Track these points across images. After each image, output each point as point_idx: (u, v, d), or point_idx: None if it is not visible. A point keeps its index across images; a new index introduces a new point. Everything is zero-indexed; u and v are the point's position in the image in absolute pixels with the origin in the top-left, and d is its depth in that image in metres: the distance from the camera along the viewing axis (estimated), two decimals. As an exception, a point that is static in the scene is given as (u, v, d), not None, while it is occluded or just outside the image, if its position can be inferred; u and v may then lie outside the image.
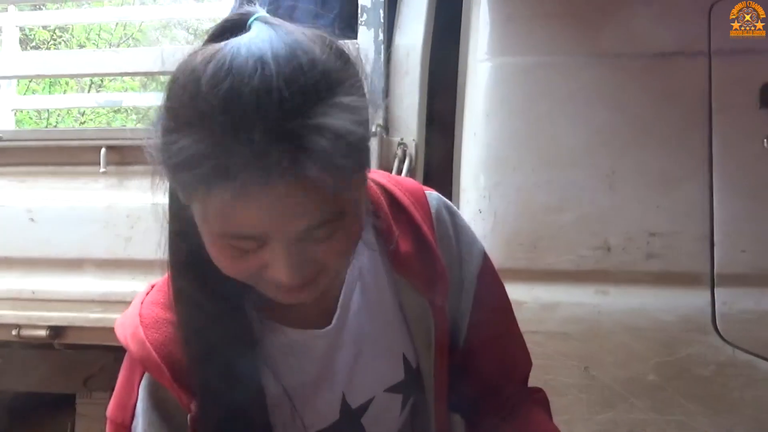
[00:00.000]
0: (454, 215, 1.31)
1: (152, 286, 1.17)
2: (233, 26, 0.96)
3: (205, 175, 0.86)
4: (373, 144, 2.07)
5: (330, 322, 1.18)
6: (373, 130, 2.12)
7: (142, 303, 1.14)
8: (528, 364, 1.41)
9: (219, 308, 1.07)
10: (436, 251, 1.26)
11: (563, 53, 2.15)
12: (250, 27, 0.94)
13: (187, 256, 1.04)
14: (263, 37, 0.91)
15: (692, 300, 2.00)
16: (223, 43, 0.90)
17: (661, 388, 1.96)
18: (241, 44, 0.89)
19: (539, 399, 1.41)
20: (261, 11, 0.98)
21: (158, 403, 1.10)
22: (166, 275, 1.12)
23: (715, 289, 2.00)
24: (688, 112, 2.09)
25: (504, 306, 1.37)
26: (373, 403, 1.23)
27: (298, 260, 0.94)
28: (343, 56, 0.95)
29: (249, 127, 0.85)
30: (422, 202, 1.27)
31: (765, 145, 2.03)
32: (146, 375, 1.10)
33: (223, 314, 1.07)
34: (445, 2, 2.32)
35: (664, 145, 2.08)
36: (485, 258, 1.33)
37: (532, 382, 1.44)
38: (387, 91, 2.25)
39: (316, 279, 0.99)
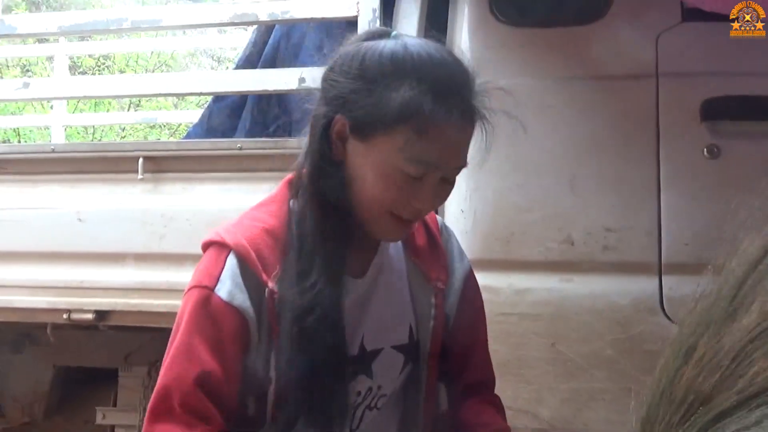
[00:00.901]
0: (450, 232, 1.43)
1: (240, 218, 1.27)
2: (380, 34, 1.20)
3: (428, 111, 1.09)
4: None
5: (364, 276, 1.27)
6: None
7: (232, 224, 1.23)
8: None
9: (331, 231, 1.19)
10: (442, 248, 1.37)
11: (532, 76, 2.16)
12: (398, 35, 1.18)
13: (330, 188, 1.18)
14: (419, 41, 1.18)
15: (643, 286, 2.03)
16: (395, 39, 1.17)
17: (617, 361, 1.97)
18: (412, 40, 1.18)
19: (496, 402, 1.44)
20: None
21: (242, 274, 1.16)
22: (252, 215, 1.25)
23: (662, 277, 2.02)
24: (638, 126, 2.11)
25: (480, 307, 1.44)
26: (382, 354, 1.28)
27: (436, 192, 1.17)
28: None
29: (454, 85, 1.13)
30: (432, 214, 1.39)
31: (704, 153, 2.04)
32: (232, 255, 1.16)
33: (333, 235, 1.19)
34: (433, 29, 2.33)
35: (618, 154, 2.09)
36: (470, 268, 1.42)
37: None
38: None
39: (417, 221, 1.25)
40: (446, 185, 1.18)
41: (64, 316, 2.43)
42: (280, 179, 2.41)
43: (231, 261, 1.16)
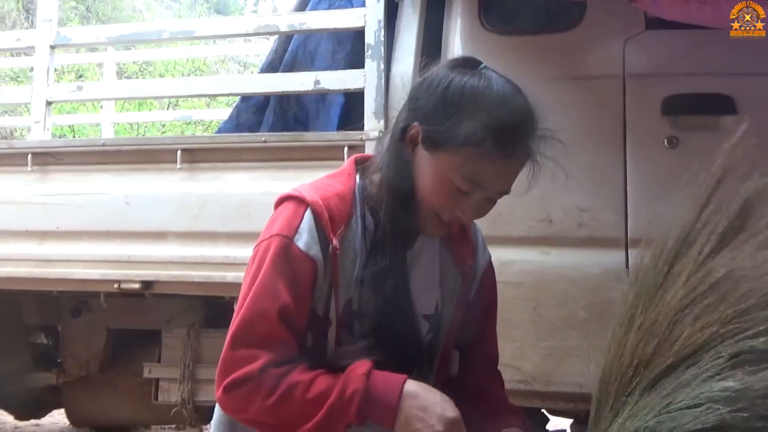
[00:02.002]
0: (478, 227, 1.44)
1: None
2: (469, 63, 1.22)
3: (489, 145, 1.11)
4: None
5: (411, 249, 1.28)
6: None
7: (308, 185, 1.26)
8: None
9: (395, 208, 1.21)
10: (471, 239, 1.38)
11: (516, 77, 2.09)
12: (484, 69, 1.20)
13: (399, 179, 1.21)
14: (503, 78, 1.19)
15: (612, 258, 2.02)
16: (479, 74, 1.17)
17: (589, 323, 1.96)
18: (495, 75, 1.18)
19: (499, 378, 1.46)
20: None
21: (316, 228, 1.18)
22: (325, 181, 1.28)
23: (628, 250, 2.02)
24: (608, 119, 2.10)
25: (494, 293, 1.45)
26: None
27: (477, 208, 1.19)
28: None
29: (521, 131, 1.15)
30: None
31: (665, 144, 2.04)
32: (309, 211, 1.19)
33: (397, 212, 1.22)
34: (429, 41, 2.32)
35: (591, 143, 2.08)
36: (491, 259, 1.44)
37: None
38: (386, 107, 2.25)
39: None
40: (488, 203, 1.21)
41: (115, 285, 2.45)
42: (299, 167, 2.42)
43: (308, 216, 1.19)
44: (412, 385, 1.14)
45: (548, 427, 2.47)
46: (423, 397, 1.13)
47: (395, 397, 1.12)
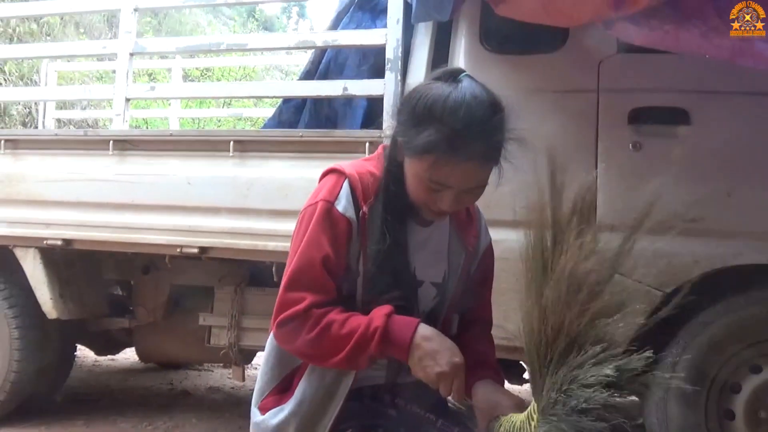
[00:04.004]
0: (481, 213, 1.41)
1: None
2: (451, 74, 1.14)
3: (443, 151, 1.08)
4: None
5: (426, 227, 1.28)
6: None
7: (348, 163, 1.26)
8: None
9: (396, 198, 1.21)
10: (476, 223, 1.36)
11: (510, 90, 2.06)
12: (461, 78, 1.13)
13: (395, 178, 1.20)
14: (473, 87, 1.11)
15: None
16: (454, 85, 1.11)
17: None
18: (466, 83, 1.11)
19: (490, 338, 1.45)
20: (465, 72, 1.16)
21: (352, 196, 1.19)
22: (361, 161, 1.27)
23: (598, 234, 2.00)
24: (584, 126, 2.08)
25: (492, 269, 1.44)
26: (423, 286, 1.28)
27: (454, 202, 1.14)
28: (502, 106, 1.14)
29: (473, 134, 1.08)
30: None
31: (630, 148, 2.02)
32: (346, 182, 1.20)
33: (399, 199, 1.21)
34: (438, 57, 2.31)
35: (568, 145, 2.06)
36: (491, 241, 1.42)
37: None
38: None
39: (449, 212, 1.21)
40: (467, 195, 1.16)
41: (178, 250, 2.47)
42: (330, 159, 2.43)
43: (346, 186, 1.20)
44: (425, 329, 1.14)
45: (525, 375, 2.49)
46: (435, 341, 1.13)
47: (409, 335, 1.12)
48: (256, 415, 1.26)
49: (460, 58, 2.26)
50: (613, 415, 1.00)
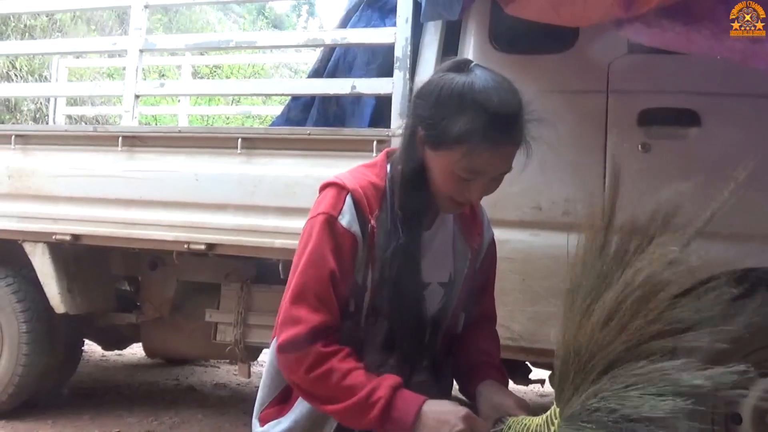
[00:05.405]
0: (484, 209, 1.40)
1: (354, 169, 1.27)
2: (461, 65, 1.14)
3: (480, 138, 1.07)
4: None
5: (429, 229, 1.27)
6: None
7: (348, 173, 1.24)
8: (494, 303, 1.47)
9: (413, 199, 1.20)
10: (480, 220, 1.35)
11: (519, 90, 2.11)
12: (472, 68, 1.14)
13: (413, 175, 1.19)
14: (489, 74, 1.13)
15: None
16: (469, 73, 1.12)
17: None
18: (480, 72, 1.12)
19: (494, 335, 1.44)
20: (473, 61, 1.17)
21: (356, 210, 1.17)
22: (361, 170, 1.25)
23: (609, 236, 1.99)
24: (593, 127, 2.07)
25: (495, 266, 1.43)
26: (430, 287, 1.27)
27: (484, 190, 1.15)
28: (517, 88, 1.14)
29: (508, 118, 1.09)
30: None
31: (639, 149, 2.01)
32: (349, 196, 1.18)
33: (414, 202, 1.20)
34: (447, 55, 2.30)
35: (577, 146, 2.05)
36: (494, 237, 1.41)
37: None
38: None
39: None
40: (494, 182, 1.16)
41: (185, 246, 2.47)
42: (336, 156, 2.42)
43: (349, 200, 1.18)
44: (430, 404, 1.11)
45: (530, 376, 2.47)
46: (440, 410, 1.10)
47: (413, 413, 1.09)
48: (256, 427, 1.26)
49: (468, 58, 2.23)
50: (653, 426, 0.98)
